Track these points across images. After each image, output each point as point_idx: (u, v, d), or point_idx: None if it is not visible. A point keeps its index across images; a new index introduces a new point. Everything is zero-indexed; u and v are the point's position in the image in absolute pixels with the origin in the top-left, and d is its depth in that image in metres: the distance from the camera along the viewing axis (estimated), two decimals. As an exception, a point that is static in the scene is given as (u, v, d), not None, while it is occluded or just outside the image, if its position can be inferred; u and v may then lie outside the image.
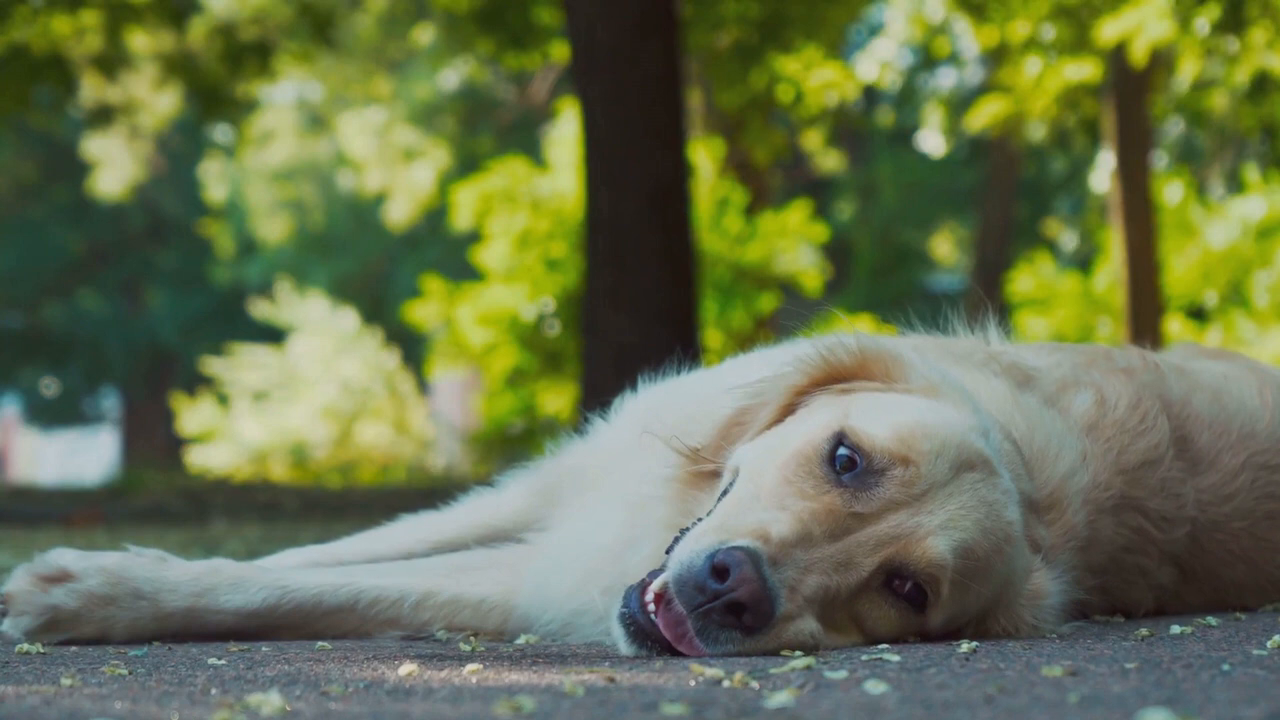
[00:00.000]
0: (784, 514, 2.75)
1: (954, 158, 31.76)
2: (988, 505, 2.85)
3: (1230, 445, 3.53)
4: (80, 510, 10.69)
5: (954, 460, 2.84)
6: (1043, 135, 24.29)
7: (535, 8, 15.18)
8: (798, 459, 2.84)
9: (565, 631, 3.16)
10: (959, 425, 2.90)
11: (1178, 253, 22.22)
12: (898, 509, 2.79)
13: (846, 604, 2.78)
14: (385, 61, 29.98)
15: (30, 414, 39.62)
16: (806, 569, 2.72)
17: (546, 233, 20.41)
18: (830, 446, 2.83)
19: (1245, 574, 3.54)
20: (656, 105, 10.22)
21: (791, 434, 2.93)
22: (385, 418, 26.83)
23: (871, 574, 2.77)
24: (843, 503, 2.78)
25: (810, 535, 2.74)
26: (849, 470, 2.81)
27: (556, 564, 3.21)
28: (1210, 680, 2.39)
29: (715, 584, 2.66)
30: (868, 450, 2.82)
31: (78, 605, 3.07)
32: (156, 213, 36.05)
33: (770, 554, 2.69)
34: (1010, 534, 2.89)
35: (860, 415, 2.89)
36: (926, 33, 19.42)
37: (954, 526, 2.80)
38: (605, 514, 3.17)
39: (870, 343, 3.08)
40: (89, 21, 15.39)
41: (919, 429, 2.85)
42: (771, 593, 2.66)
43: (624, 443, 3.32)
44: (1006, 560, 2.89)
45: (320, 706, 2.27)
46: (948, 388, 3.00)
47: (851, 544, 2.76)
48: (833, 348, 3.07)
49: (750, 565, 2.66)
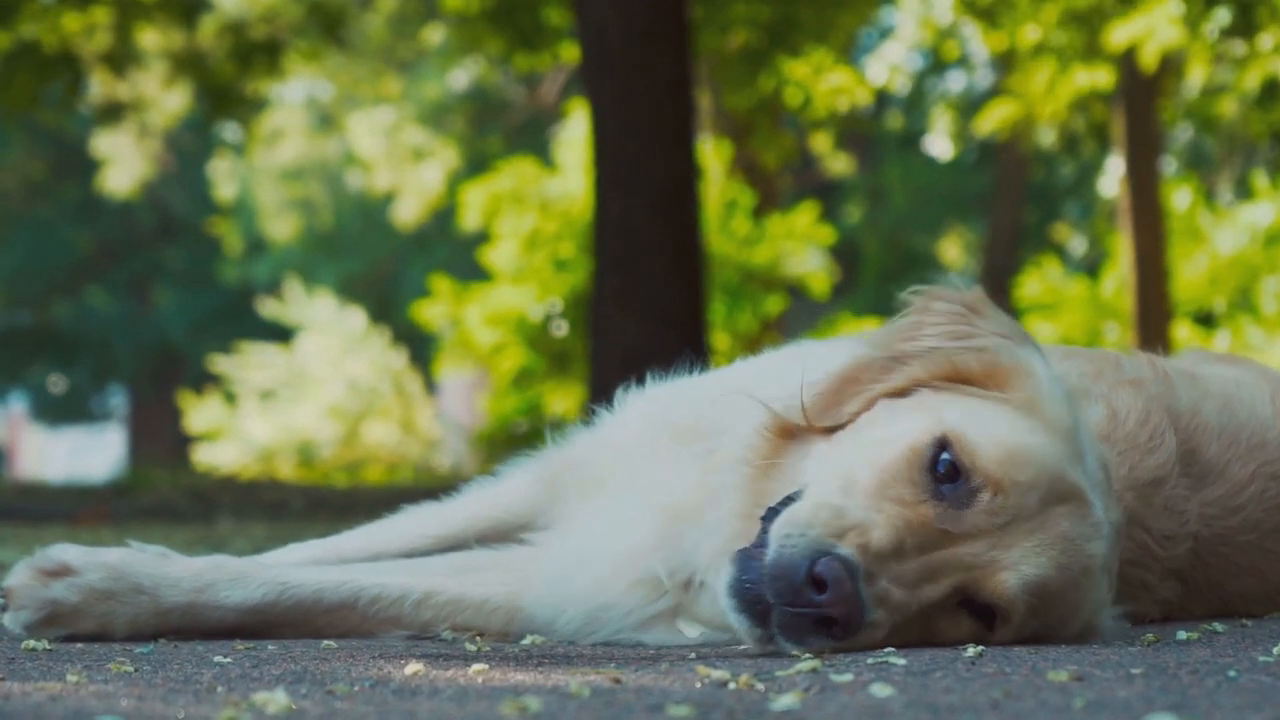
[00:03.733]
0: (880, 518, 2.75)
1: (963, 162, 31.74)
2: (1069, 541, 2.81)
3: (1239, 456, 3.51)
4: (87, 508, 10.70)
5: (1045, 493, 2.81)
6: (1052, 140, 24.27)
7: (545, 9, 15.19)
8: (898, 459, 2.82)
9: (586, 630, 3.14)
10: (1056, 454, 2.85)
11: (1186, 258, 22.21)
12: (981, 536, 2.77)
13: (926, 615, 2.80)
14: (395, 61, 30.00)
15: (38, 411, 39.68)
16: (895, 581, 2.73)
17: (555, 234, 20.44)
18: (932, 454, 2.80)
19: (1252, 585, 3.53)
20: (666, 107, 10.23)
21: (891, 428, 2.89)
22: (392, 417, 26.85)
23: (947, 594, 2.78)
24: (935, 517, 2.77)
25: (903, 547, 2.74)
26: (949, 481, 2.79)
27: (577, 561, 3.18)
28: (1216, 686, 2.39)
29: (813, 594, 2.68)
30: (968, 467, 2.79)
31: (78, 600, 3.06)
32: (165, 211, 36.09)
33: (867, 567, 2.70)
34: (1090, 567, 2.86)
35: (962, 423, 2.85)
36: (936, 36, 19.42)
37: (1029, 563, 2.78)
38: (627, 512, 3.15)
39: (1008, 356, 2.98)
40: (99, 18, 15.40)
41: (1019, 454, 2.81)
42: (864, 609, 2.69)
43: (635, 438, 3.29)
44: (1082, 592, 2.88)
45: (326, 705, 2.27)
46: (1053, 406, 2.92)
47: (937, 560, 2.76)
48: (964, 355, 2.98)
49: (849, 582, 2.67)
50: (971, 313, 3.06)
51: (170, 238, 36.64)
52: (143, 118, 21.45)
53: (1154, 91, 18.51)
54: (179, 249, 36.64)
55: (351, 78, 29.86)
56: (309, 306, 28.85)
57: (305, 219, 34.09)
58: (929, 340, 3.02)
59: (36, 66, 14.95)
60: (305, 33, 17.28)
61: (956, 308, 3.07)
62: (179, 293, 36.24)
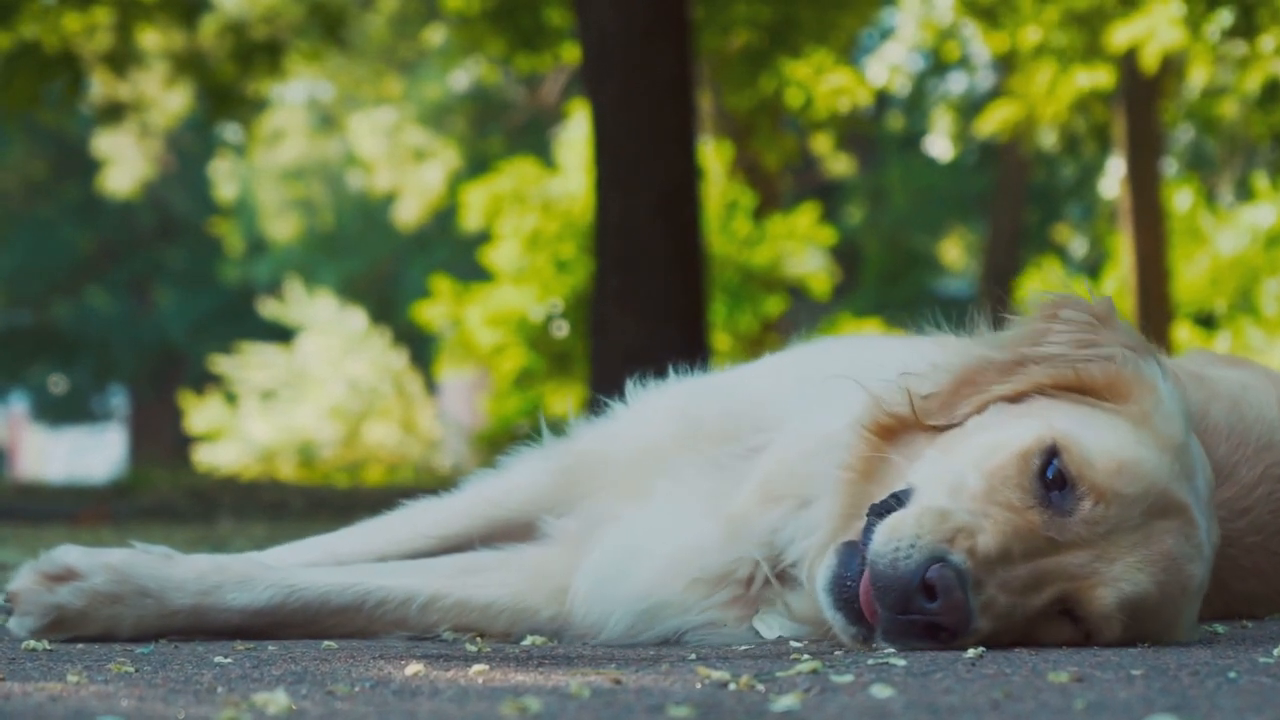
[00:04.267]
0: (988, 523, 2.74)
1: (964, 163, 31.74)
2: (1170, 559, 2.81)
3: (1247, 457, 3.50)
4: (87, 508, 10.70)
5: (1149, 507, 2.80)
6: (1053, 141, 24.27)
7: (546, 9, 15.19)
8: (1007, 464, 2.81)
9: (637, 630, 3.11)
10: (1165, 470, 2.84)
11: (1187, 260, 22.22)
12: (1085, 546, 2.77)
13: (1021, 620, 2.80)
14: (396, 62, 29.99)
15: (38, 411, 39.67)
16: (1001, 587, 2.73)
17: (556, 234, 20.44)
18: (1042, 461, 2.80)
19: (1257, 586, 3.52)
20: (667, 108, 10.23)
21: (1003, 432, 2.88)
22: (393, 418, 26.84)
23: (1049, 603, 2.78)
24: (1042, 524, 2.76)
25: (1010, 553, 2.73)
26: (1057, 488, 2.78)
27: (626, 561, 3.14)
28: (1216, 688, 2.39)
29: (924, 602, 2.70)
30: (1074, 475, 2.78)
31: (83, 604, 3.06)
32: (166, 211, 36.08)
33: (975, 573, 2.70)
34: (1188, 588, 2.86)
35: (1074, 431, 2.84)
36: (936, 37, 19.42)
37: (1129, 579, 2.78)
38: (678, 511, 3.13)
39: (1131, 368, 2.95)
40: (100, 19, 15.40)
41: (1128, 467, 2.80)
42: (971, 616, 2.71)
43: (664, 436, 3.25)
44: (1178, 610, 2.88)
45: (326, 706, 2.27)
46: (1167, 422, 2.90)
47: (1041, 568, 2.76)
48: (1089, 364, 2.95)
49: (959, 591, 2.69)
50: (1100, 323, 3.04)
51: (171, 238, 36.64)
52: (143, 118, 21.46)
53: (1155, 93, 18.51)
54: (180, 249, 36.63)
55: (352, 78, 29.85)
56: (310, 307, 28.84)
57: (306, 219, 34.09)
58: (1054, 347, 3.00)
59: (37, 66, 14.94)
60: (306, 33, 17.28)
61: (1085, 316, 3.04)
62: (180, 293, 36.24)
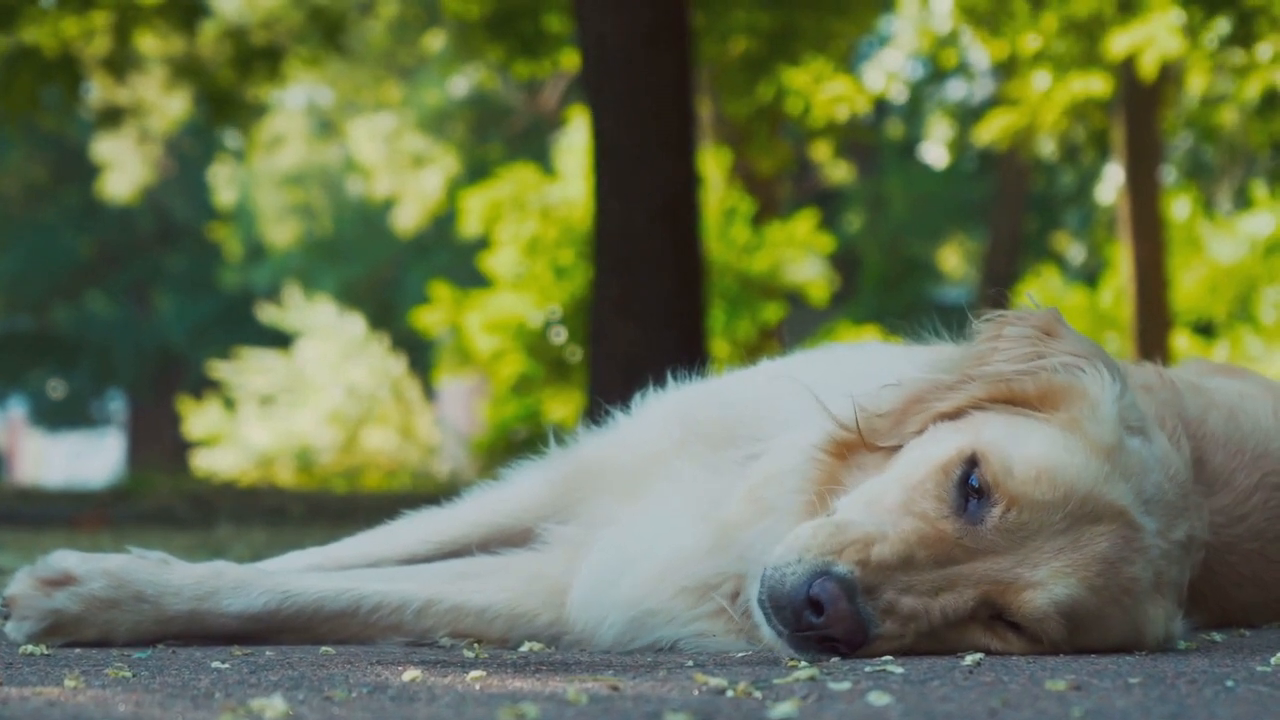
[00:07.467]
0: (892, 532, 2.75)
1: (963, 170, 31.75)
2: (1105, 562, 2.78)
3: (1244, 465, 3.51)
4: (86, 512, 10.68)
5: (1073, 512, 2.77)
6: (1052, 149, 24.30)
7: (546, 16, 15.20)
8: (927, 476, 2.81)
9: (628, 636, 3.11)
10: (1092, 473, 2.80)
11: (1185, 268, 22.23)
12: (1003, 553, 2.76)
13: (955, 627, 2.78)
14: (396, 68, 30.02)
15: (37, 416, 39.66)
16: (903, 591, 2.73)
17: (555, 241, 20.44)
18: (963, 471, 2.80)
19: (1254, 594, 3.52)
20: (666, 114, 10.23)
21: (932, 447, 2.88)
22: (391, 423, 26.84)
23: (975, 606, 2.77)
24: (953, 531, 2.76)
25: (912, 559, 2.74)
26: (976, 497, 2.78)
27: (618, 567, 3.14)
28: (1214, 696, 2.39)
29: (811, 617, 2.71)
30: (990, 484, 2.77)
31: (80, 609, 3.07)
32: (165, 216, 36.09)
33: (866, 581, 2.70)
34: (1131, 589, 2.83)
35: (996, 441, 2.83)
36: (934, 44, 19.43)
37: (1059, 583, 2.76)
38: (670, 517, 3.13)
39: (1063, 377, 2.94)
40: (98, 23, 15.40)
41: (1047, 473, 2.78)
42: (865, 622, 2.70)
43: (663, 441, 3.26)
44: (1126, 613, 2.85)
45: (324, 711, 2.27)
46: (1097, 426, 2.87)
47: (954, 572, 2.76)
48: (1021, 377, 2.94)
49: (844, 601, 2.69)
50: (1045, 334, 3.04)
51: (170, 243, 36.65)
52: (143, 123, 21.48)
53: (1154, 101, 18.51)
54: (179, 254, 36.64)
55: (352, 84, 29.89)
56: (309, 312, 28.84)
57: (305, 225, 34.11)
58: (1000, 365, 3.00)
59: (36, 70, 14.94)
60: (306, 39, 17.28)
61: (1029, 330, 3.05)
62: (179, 298, 36.24)
